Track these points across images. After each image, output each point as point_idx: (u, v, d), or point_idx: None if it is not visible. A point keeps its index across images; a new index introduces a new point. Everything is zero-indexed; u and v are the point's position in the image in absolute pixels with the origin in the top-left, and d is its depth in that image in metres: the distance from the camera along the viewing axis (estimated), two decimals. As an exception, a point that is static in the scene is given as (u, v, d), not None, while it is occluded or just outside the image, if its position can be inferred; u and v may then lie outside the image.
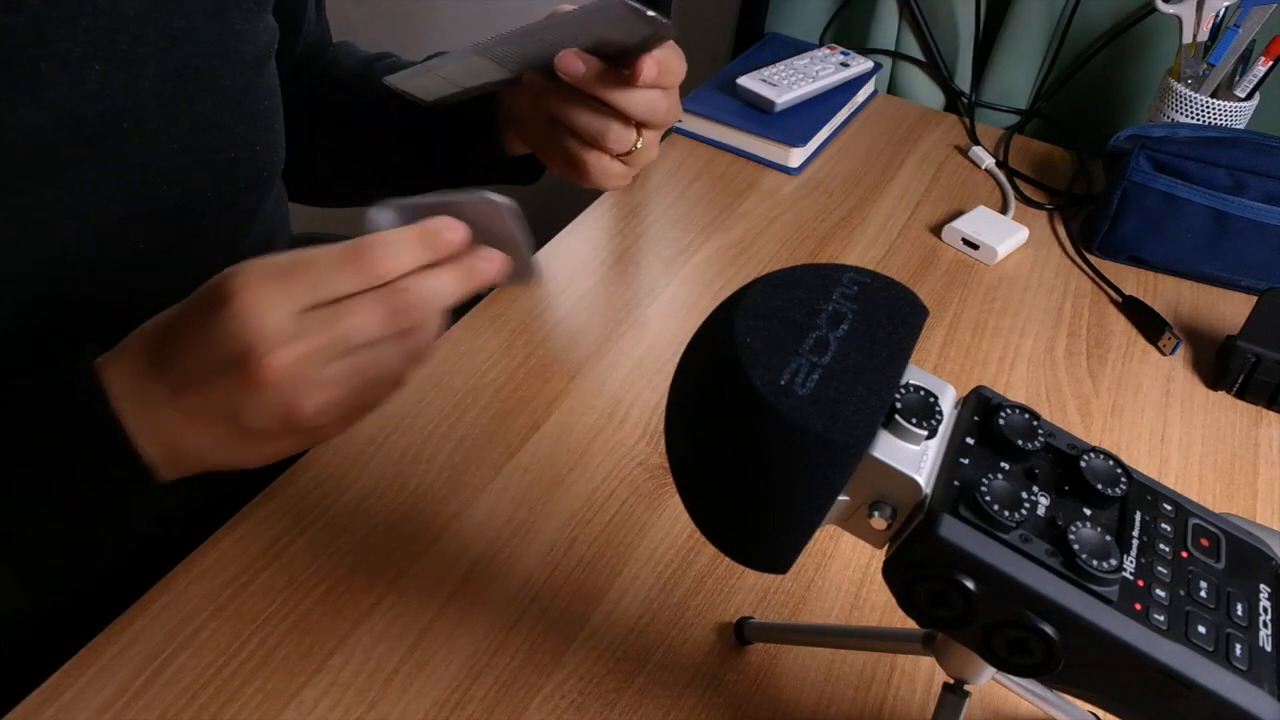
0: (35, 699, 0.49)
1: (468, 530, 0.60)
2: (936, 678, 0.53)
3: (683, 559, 0.60)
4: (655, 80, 0.54)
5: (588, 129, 0.56)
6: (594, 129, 0.56)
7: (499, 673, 0.53)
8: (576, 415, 0.68)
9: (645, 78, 0.53)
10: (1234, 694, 0.34)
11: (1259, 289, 0.83)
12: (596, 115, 0.56)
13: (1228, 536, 0.38)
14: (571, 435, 0.67)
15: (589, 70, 0.53)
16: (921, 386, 0.38)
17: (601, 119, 0.56)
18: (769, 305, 0.37)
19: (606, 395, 0.70)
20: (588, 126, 0.56)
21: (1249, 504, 0.69)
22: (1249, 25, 0.91)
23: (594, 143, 0.57)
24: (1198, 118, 0.95)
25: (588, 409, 0.69)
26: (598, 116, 0.56)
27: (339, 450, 0.63)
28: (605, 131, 0.56)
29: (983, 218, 0.92)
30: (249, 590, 0.55)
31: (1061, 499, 0.37)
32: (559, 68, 0.53)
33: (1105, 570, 0.34)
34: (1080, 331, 0.83)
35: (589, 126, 0.56)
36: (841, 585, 0.59)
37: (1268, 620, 0.36)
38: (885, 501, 0.37)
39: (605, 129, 0.56)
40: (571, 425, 0.68)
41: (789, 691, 0.54)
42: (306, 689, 0.51)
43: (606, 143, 0.56)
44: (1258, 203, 0.85)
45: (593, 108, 0.56)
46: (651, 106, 0.56)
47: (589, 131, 0.56)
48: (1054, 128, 1.11)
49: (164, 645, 0.52)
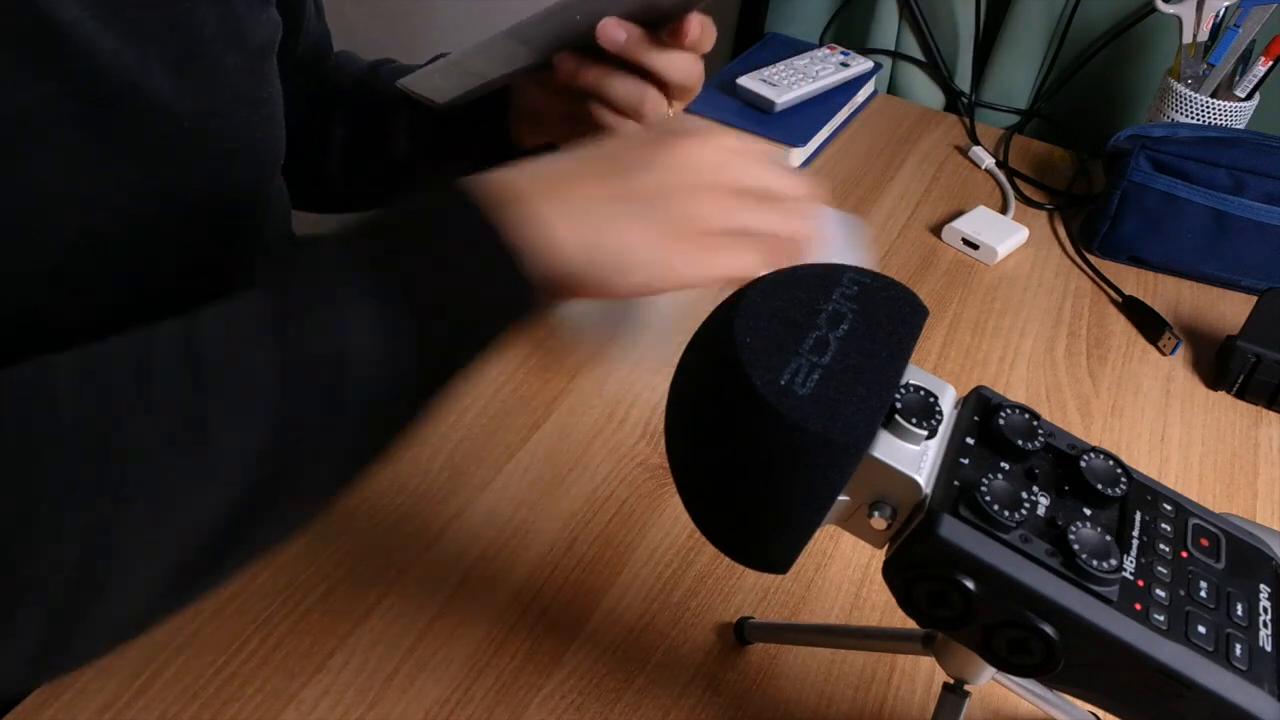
0: (35, 699, 0.49)
1: (468, 530, 0.60)
2: (936, 678, 0.53)
3: (683, 559, 0.60)
4: (698, 40, 0.55)
5: (626, 97, 0.57)
6: (632, 97, 0.56)
7: (499, 673, 0.53)
8: (576, 415, 0.68)
9: (690, 37, 0.54)
10: (1234, 694, 0.34)
11: (1259, 289, 0.83)
12: (634, 83, 0.56)
13: (1228, 536, 0.38)
14: (571, 435, 0.67)
15: (630, 37, 0.54)
16: (921, 386, 0.38)
17: (639, 86, 0.56)
18: (769, 305, 0.37)
19: (606, 395, 0.70)
20: (626, 95, 0.57)
21: (1249, 504, 0.69)
22: (1249, 25, 0.91)
23: (631, 112, 0.57)
24: (1198, 118, 0.95)
25: (588, 409, 0.69)
26: (635, 84, 0.56)
27: (339, 450, 0.63)
28: (643, 99, 0.56)
29: (983, 218, 0.92)
30: (249, 590, 0.55)
31: (1061, 499, 0.37)
32: (601, 36, 0.54)
33: (1105, 570, 0.34)
34: (1080, 331, 0.83)
35: (627, 95, 0.57)
36: (841, 585, 0.59)
37: (1268, 620, 0.36)
38: (885, 501, 0.37)
39: (643, 96, 0.56)
40: (571, 425, 0.68)
41: (789, 691, 0.54)
42: (306, 689, 0.51)
43: (644, 110, 0.57)
44: (1258, 203, 0.85)
45: (629, 76, 0.56)
46: (688, 70, 0.56)
47: (627, 100, 0.57)
48: (1054, 128, 1.11)
49: (164, 645, 0.52)
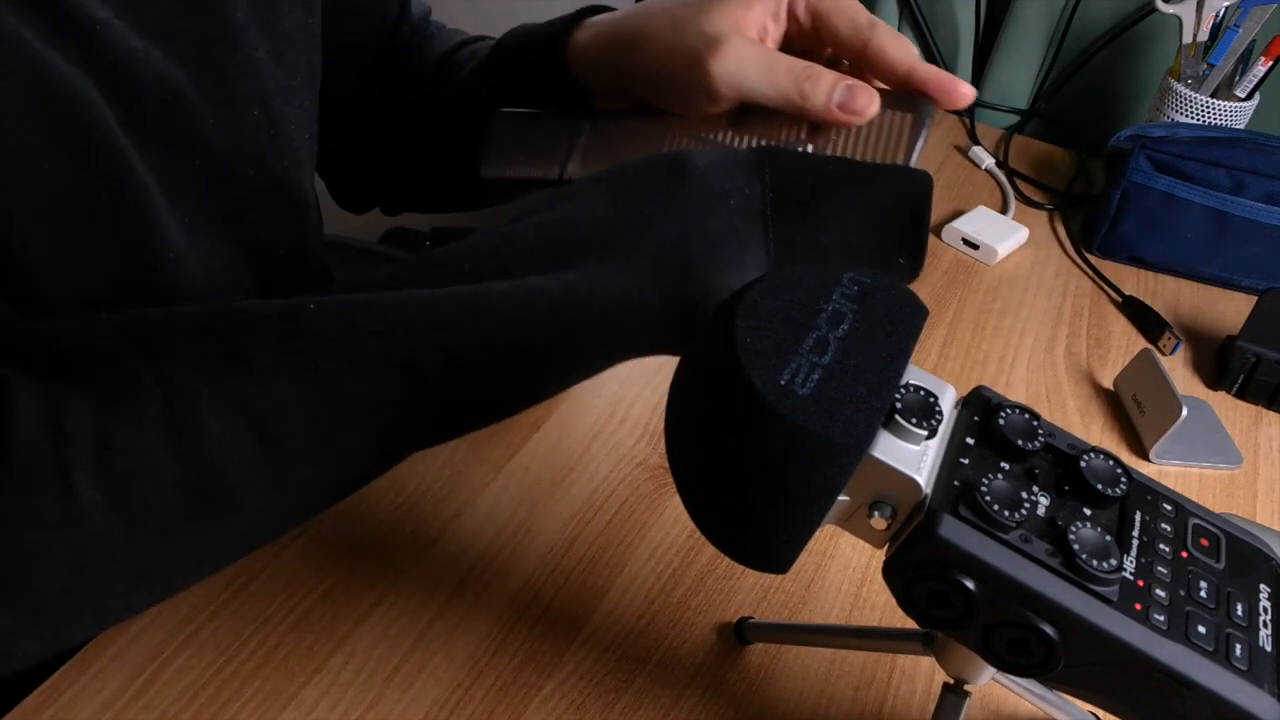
0: (35, 699, 0.49)
1: (468, 530, 0.60)
2: (936, 678, 0.53)
3: (683, 559, 0.60)
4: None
5: (896, 51, 0.55)
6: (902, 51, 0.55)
7: (499, 673, 0.53)
8: (576, 415, 0.68)
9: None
10: (1234, 694, 0.34)
11: (1259, 289, 0.83)
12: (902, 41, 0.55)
13: (1228, 536, 0.38)
14: (571, 435, 0.67)
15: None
16: (921, 386, 0.38)
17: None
18: (769, 305, 0.37)
19: (606, 395, 0.70)
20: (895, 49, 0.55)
21: (1249, 504, 0.69)
22: (1249, 25, 0.91)
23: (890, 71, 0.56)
24: (1198, 118, 0.95)
25: (588, 409, 0.69)
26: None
27: (339, 450, 0.63)
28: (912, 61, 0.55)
29: (983, 218, 0.92)
30: (249, 590, 0.55)
31: (1061, 499, 0.37)
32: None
33: (1105, 570, 0.34)
34: (1080, 331, 0.83)
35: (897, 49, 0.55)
36: (841, 585, 0.59)
37: (1268, 620, 0.36)
38: (885, 501, 0.37)
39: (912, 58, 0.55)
40: (571, 425, 0.68)
41: (789, 691, 0.54)
42: (306, 689, 0.51)
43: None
44: (1258, 203, 0.85)
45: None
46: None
47: (900, 55, 0.55)
48: (1054, 128, 1.11)
49: (164, 645, 0.52)
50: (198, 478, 0.40)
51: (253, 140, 0.53)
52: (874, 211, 0.45)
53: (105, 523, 0.39)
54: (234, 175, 0.52)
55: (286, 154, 0.55)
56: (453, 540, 0.59)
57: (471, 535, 0.60)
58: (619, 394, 0.70)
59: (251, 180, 0.54)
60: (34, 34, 0.42)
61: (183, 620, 0.53)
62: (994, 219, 0.92)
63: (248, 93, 0.52)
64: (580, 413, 0.69)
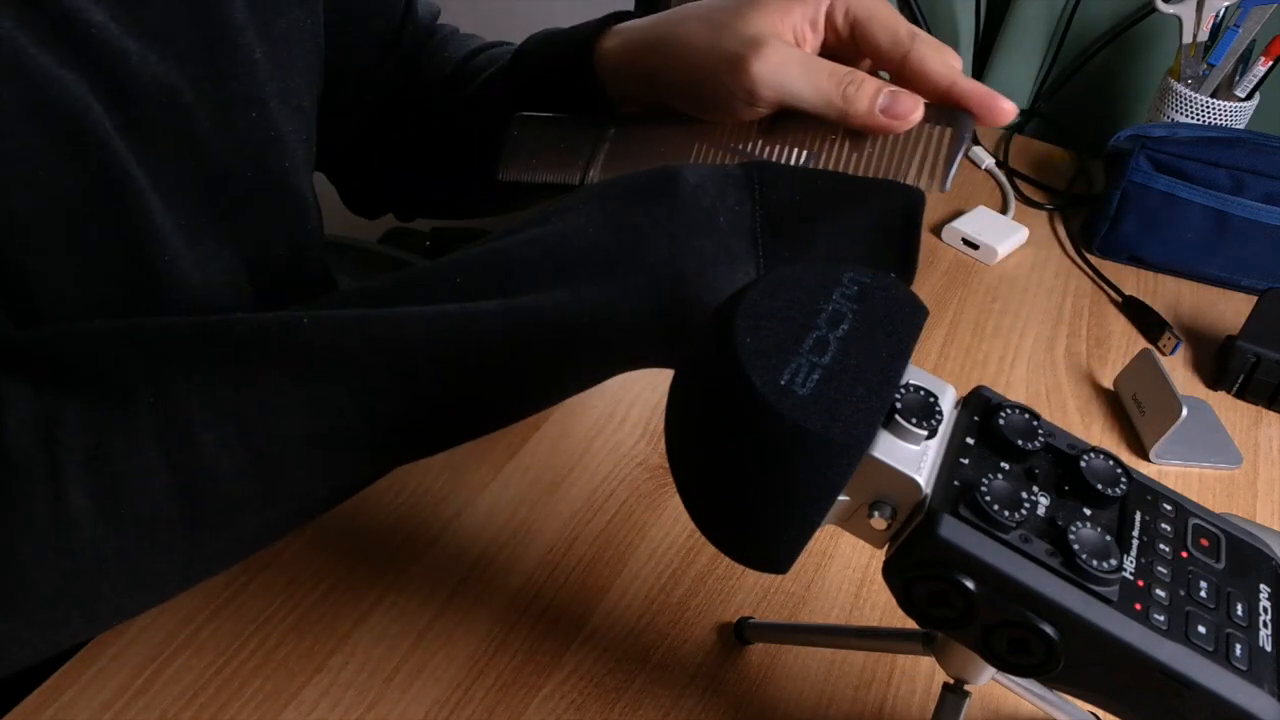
0: (35, 699, 0.49)
1: (468, 530, 0.60)
2: (936, 678, 0.53)
3: (683, 559, 0.60)
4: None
5: (941, 67, 0.55)
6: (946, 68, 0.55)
7: (499, 673, 0.53)
8: (576, 415, 0.68)
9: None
10: (1234, 694, 0.34)
11: (1259, 289, 0.83)
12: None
13: (1228, 536, 0.39)
14: (571, 435, 0.67)
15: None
16: (921, 386, 0.38)
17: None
18: (769, 305, 0.37)
19: (606, 395, 0.70)
20: (941, 66, 0.55)
21: (1249, 504, 0.69)
22: (1249, 25, 0.91)
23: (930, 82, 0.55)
24: (1198, 118, 0.95)
25: (588, 409, 0.69)
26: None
27: (339, 450, 0.63)
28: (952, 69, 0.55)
29: (983, 217, 0.92)
30: (249, 590, 0.55)
31: (1061, 499, 0.37)
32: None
33: (1105, 570, 0.34)
34: (1080, 331, 0.83)
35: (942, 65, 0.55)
36: (841, 585, 0.59)
37: (1268, 620, 0.36)
38: (885, 501, 0.37)
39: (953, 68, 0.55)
40: (571, 425, 0.68)
41: (789, 691, 0.54)
42: (306, 689, 0.51)
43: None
44: (1258, 203, 0.85)
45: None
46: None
47: (943, 70, 0.54)
48: (1054, 128, 1.11)
49: (164, 645, 0.52)
50: (190, 488, 0.40)
51: (251, 141, 0.53)
52: (865, 227, 0.45)
53: (95, 531, 0.39)
54: (232, 176, 0.52)
55: (285, 155, 0.55)
56: (453, 540, 0.59)
57: (471, 535, 0.60)
58: (619, 394, 0.70)
59: (250, 181, 0.53)
60: (29, 38, 0.41)
61: (183, 620, 0.53)
62: (994, 219, 0.92)
63: (246, 94, 0.52)
64: (580, 413, 0.69)
